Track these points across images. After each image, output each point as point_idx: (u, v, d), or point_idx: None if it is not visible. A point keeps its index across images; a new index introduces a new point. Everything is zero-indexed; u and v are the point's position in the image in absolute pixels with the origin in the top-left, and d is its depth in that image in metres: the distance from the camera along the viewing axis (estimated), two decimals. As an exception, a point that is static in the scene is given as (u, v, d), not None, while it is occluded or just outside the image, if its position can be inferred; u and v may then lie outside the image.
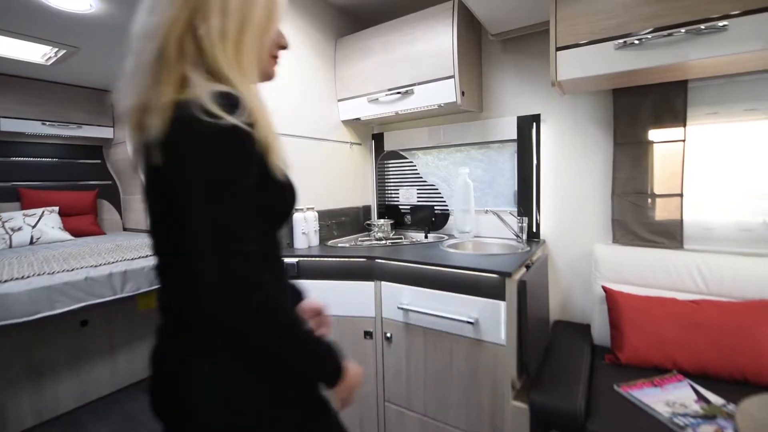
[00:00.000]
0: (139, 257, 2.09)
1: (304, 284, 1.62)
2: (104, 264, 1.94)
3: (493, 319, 1.28)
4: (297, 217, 1.73)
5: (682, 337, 1.32)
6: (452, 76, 1.64)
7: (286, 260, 1.62)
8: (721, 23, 1.08)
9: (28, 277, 1.72)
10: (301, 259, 1.62)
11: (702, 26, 1.11)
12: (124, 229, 3.58)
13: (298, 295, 0.89)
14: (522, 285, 1.22)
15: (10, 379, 1.81)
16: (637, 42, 1.19)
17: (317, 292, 1.60)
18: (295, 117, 1.80)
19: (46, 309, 1.68)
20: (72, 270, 1.84)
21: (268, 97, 1.90)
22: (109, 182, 3.56)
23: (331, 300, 1.52)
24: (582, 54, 1.29)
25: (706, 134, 1.47)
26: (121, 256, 2.09)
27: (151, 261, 2.08)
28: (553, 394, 1.21)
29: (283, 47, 0.72)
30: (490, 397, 1.32)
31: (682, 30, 1.14)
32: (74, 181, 3.35)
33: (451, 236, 1.96)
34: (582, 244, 1.71)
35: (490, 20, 1.60)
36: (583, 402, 1.17)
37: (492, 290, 1.27)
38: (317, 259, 1.61)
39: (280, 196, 0.67)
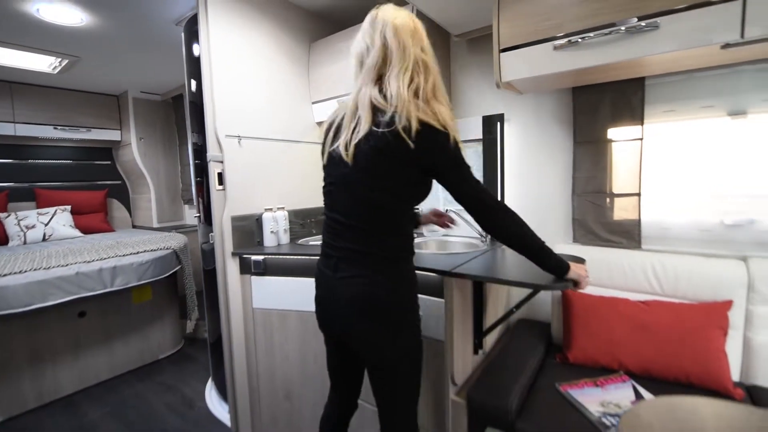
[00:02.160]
0: (130, 254, 2.23)
1: (270, 281, 1.71)
2: (96, 260, 2.09)
3: (435, 316, 1.31)
4: (266, 216, 1.81)
5: (629, 338, 1.32)
6: (412, 78, 1.67)
7: (254, 257, 1.71)
8: (651, 21, 1.07)
9: (25, 271, 1.88)
10: (268, 256, 1.70)
11: (643, 23, 1.09)
12: (133, 227, 3.79)
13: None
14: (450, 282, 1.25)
15: (14, 365, 1.98)
16: (573, 42, 1.19)
17: (282, 288, 1.70)
18: (266, 120, 1.87)
19: (39, 301, 1.83)
20: (66, 265, 1.99)
21: (236, 102, 1.98)
22: (119, 182, 3.77)
23: (295, 296, 1.58)
24: (524, 55, 1.29)
25: (664, 132, 1.44)
26: (115, 252, 2.23)
27: (142, 257, 2.22)
28: (489, 391, 1.24)
29: None
30: (433, 392, 1.36)
31: (622, 28, 1.12)
32: (87, 181, 3.57)
33: (420, 235, 1.99)
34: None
35: (446, 22, 1.62)
36: (516, 400, 1.19)
37: (433, 288, 1.31)
38: (283, 256, 1.69)
39: None
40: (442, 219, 1.39)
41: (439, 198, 1.95)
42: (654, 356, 1.27)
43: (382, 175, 0.93)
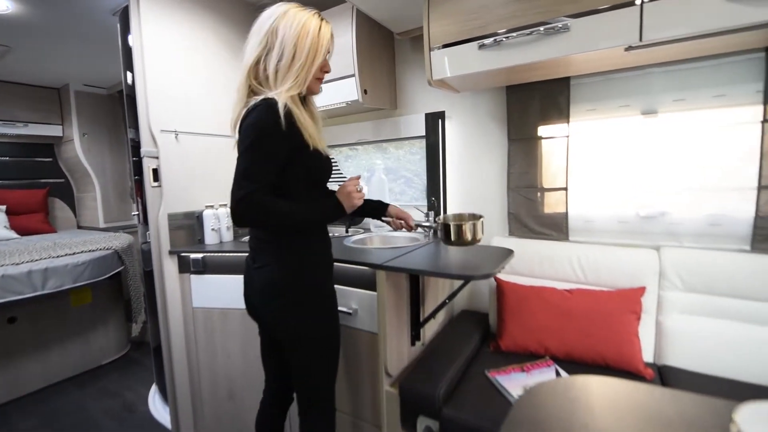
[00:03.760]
0: (65, 255, 2.12)
1: (210, 279, 1.68)
2: (26, 262, 1.97)
3: (369, 309, 1.33)
4: (206, 213, 1.77)
5: (554, 324, 1.39)
6: (353, 75, 1.68)
7: (192, 256, 1.67)
8: (563, 23, 1.13)
9: (-58, 275, 1.75)
10: (207, 254, 1.66)
11: (559, 25, 1.15)
12: (79, 227, 3.59)
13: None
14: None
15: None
16: (497, 42, 1.24)
17: (223, 286, 1.66)
18: (207, 115, 1.83)
19: (-42, 306, 1.71)
20: (-9, 268, 1.87)
21: (172, 97, 1.91)
22: (62, 180, 3.56)
23: (237, 293, 1.54)
24: (452, 54, 1.33)
25: (587, 130, 1.52)
26: (49, 253, 2.11)
27: (78, 258, 2.12)
28: (419, 381, 1.27)
29: (327, 71, 1.08)
30: (370, 383, 1.38)
31: (542, 29, 1.18)
32: (26, 179, 3.35)
33: (368, 230, 2.01)
34: (484, 237, 1.76)
35: (385, 20, 1.64)
36: (444, 388, 1.22)
37: (366, 282, 1.33)
38: (222, 254, 1.65)
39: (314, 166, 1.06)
40: (398, 221, 1.33)
41: (384, 191, 1.97)
42: (575, 341, 1.34)
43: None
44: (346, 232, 2.06)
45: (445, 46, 1.34)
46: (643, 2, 1.03)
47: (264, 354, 1.24)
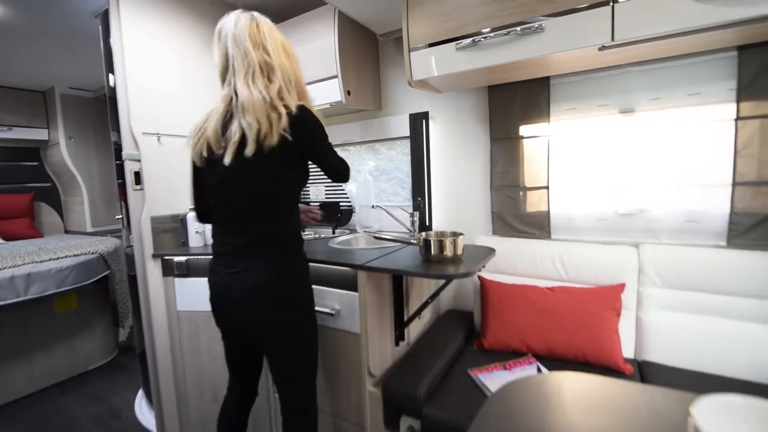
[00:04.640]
0: (48, 259, 2.09)
1: (194, 282, 1.67)
2: (9, 267, 1.95)
3: (351, 310, 1.34)
4: (190, 216, 1.76)
5: (535, 322, 1.40)
6: (336, 76, 1.68)
7: (176, 259, 1.66)
8: (538, 23, 1.14)
9: None
10: (191, 257, 1.65)
11: (535, 25, 1.16)
12: (66, 232, 3.55)
13: None
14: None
15: None
16: (475, 42, 1.25)
17: (206, 288, 1.64)
18: (190, 117, 1.81)
19: (-62, 313, 1.69)
20: (-28, 274, 1.85)
21: (155, 99, 1.91)
22: (48, 184, 3.52)
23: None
24: (431, 54, 1.34)
25: (567, 129, 1.53)
26: (32, 258, 2.09)
27: (62, 263, 2.10)
28: (401, 381, 1.27)
29: None
30: (353, 384, 1.38)
31: (518, 29, 1.19)
32: (12, 184, 3.31)
33: (354, 231, 2.01)
34: (468, 237, 1.77)
35: (367, 21, 1.65)
36: (425, 388, 1.23)
37: (348, 282, 1.33)
38: (206, 257, 1.64)
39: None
40: (307, 215, 1.44)
41: (370, 192, 1.97)
42: (556, 338, 1.36)
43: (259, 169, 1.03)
44: (333, 233, 2.07)
45: (425, 46, 1.35)
46: (614, 2, 1.05)
47: (234, 357, 1.24)
